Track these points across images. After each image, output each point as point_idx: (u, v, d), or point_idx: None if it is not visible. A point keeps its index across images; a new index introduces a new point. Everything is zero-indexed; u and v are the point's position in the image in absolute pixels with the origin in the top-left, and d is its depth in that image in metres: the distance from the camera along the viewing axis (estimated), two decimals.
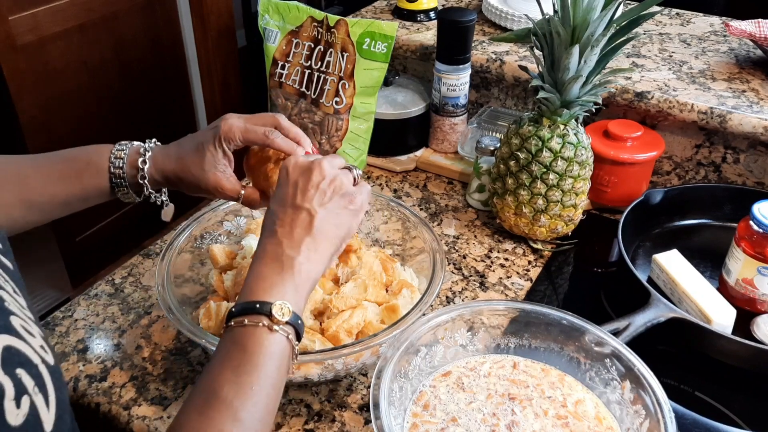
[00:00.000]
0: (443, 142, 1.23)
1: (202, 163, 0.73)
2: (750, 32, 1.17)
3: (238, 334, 0.57)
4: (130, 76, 2.32)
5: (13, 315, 0.42)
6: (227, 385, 0.54)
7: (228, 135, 0.73)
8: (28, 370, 0.40)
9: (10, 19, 1.88)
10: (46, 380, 0.42)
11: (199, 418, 0.53)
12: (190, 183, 0.74)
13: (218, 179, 0.73)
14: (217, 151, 0.73)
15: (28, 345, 0.42)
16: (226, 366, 0.56)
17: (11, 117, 1.98)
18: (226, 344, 0.58)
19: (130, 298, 0.94)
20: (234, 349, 0.57)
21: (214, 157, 0.73)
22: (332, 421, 0.77)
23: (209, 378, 0.56)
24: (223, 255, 0.87)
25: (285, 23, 1.16)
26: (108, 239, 2.39)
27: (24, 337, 0.42)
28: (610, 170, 1.08)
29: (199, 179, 0.73)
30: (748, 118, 1.06)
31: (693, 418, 0.79)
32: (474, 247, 1.04)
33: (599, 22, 0.85)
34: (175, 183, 0.75)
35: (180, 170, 0.74)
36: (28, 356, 0.41)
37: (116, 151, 0.75)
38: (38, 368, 0.42)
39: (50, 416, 0.41)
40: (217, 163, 0.73)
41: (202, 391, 0.55)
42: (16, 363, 0.40)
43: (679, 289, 0.90)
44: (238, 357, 0.56)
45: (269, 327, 0.57)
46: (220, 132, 0.73)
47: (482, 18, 1.40)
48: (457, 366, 0.76)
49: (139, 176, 0.74)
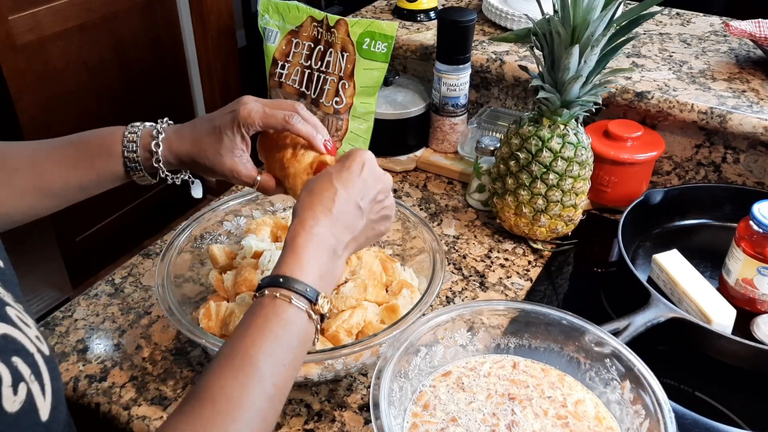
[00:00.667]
0: (443, 142, 1.23)
1: (219, 147, 0.71)
2: (750, 32, 1.17)
3: (282, 308, 0.57)
4: (130, 76, 2.32)
5: (8, 305, 0.42)
6: (264, 355, 0.54)
7: (247, 120, 0.71)
8: (24, 359, 0.41)
9: (10, 19, 1.88)
10: (42, 369, 0.42)
11: (234, 381, 0.52)
12: (205, 166, 0.73)
13: (235, 164, 0.72)
14: (234, 135, 0.71)
15: (23, 334, 0.42)
16: (267, 336, 0.55)
17: (11, 117, 1.98)
18: (266, 313, 0.57)
19: (130, 298, 0.94)
20: (276, 322, 0.56)
21: (232, 142, 0.72)
22: (332, 421, 0.77)
23: (247, 341, 0.55)
24: (223, 255, 0.87)
25: (285, 23, 1.16)
26: (108, 239, 2.39)
27: (19, 326, 0.42)
28: (610, 170, 1.08)
29: (214, 163, 0.72)
30: (748, 118, 1.06)
31: (693, 418, 0.79)
32: (474, 247, 1.04)
33: (599, 22, 0.85)
34: (190, 165, 0.74)
35: (195, 153, 0.73)
36: (24, 345, 0.41)
37: (128, 134, 0.73)
38: (34, 357, 0.42)
39: (46, 405, 0.41)
40: (235, 147, 0.72)
41: (236, 354, 0.54)
42: (11, 351, 0.40)
43: (679, 289, 0.90)
44: (278, 331, 0.56)
45: (309, 314, 0.58)
46: (239, 116, 0.71)
47: (482, 18, 1.40)
48: (457, 366, 0.76)
49: (154, 160, 0.73)
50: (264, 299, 0.57)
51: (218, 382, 0.52)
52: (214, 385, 0.52)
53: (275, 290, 0.57)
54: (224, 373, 0.53)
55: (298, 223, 0.61)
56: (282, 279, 0.58)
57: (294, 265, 0.59)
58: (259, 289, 0.59)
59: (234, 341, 0.55)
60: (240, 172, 0.73)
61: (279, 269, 0.59)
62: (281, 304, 0.57)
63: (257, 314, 0.57)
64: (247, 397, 0.52)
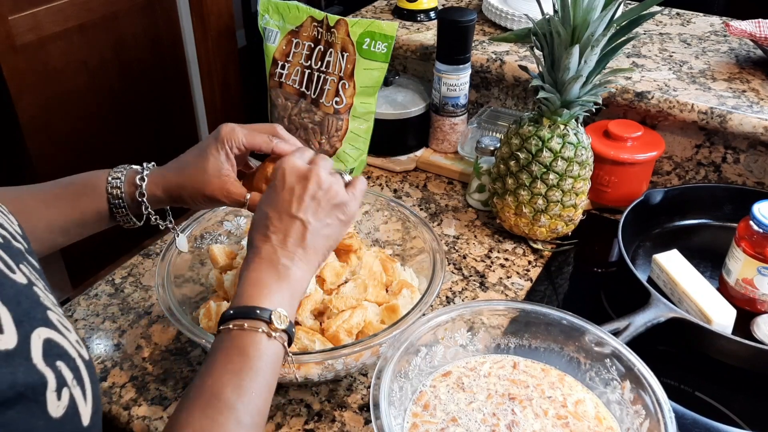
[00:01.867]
0: (443, 142, 1.23)
1: (206, 167, 0.72)
2: (750, 32, 1.17)
3: (237, 337, 0.58)
4: (130, 76, 2.32)
5: (49, 310, 0.43)
6: (229, 388, 0.55)
7: (230, 135, 0.72)
8: (67, 363, 0.41)
9: (10, 19, 1.88)
10: (83, 374, 0.42)
11: (204, 420, 0.53)
12: (193, 192, 0.73)
13: (224, 183, 0.73)
14: (219, 153, 0.72)
15: (65, 339, 0.42)
16: (228, 369, 0.56)
17: (11, 117, 1.98)
18: (224, 346, 0.58)
19: (130, 298, 0.94)
20: (234, 352, 0.58)
21: (217, 160, 0.72)
22: (332, 421, 0.77)
23: (210, 379, 0.56)
24: (223, 255, 0.87)
25: (285, 23, 1.16)
26: (108, 239, 2.38)
27: (61, 331, 0.42)
28: (610, 170, 1.08)
29: (204, 185, 0.72)
30: (748, 118, 1.06)
31: (693, 418, 0.79)
32: (474, 247, 1.04)
33: (599, 22, 0.85)
34: (177, 196, 0.74)
35: (183, 180, 0.73)
36: (66, 349, 0.42)
37: (114, 172, 0.74)
38: (76, 362, 0.42)
39: (87, 410, 0.42)
40: (221, 166, 0.72)
41: (203, 393, 0.55)
42: (55, 355, 0.40)
43: (679, 289, 0.90)
44: (239, 361, 0.57)
45: (267, 333, 0.58)
46: (221, 134, 0.73)
47: (482, 18, 1.40)
48: (457, 366, 0.76)
49: (137, 193, 0.73)
50: (221, 335, 0.59)
51: (190, 420, 0.54)
52: (187, 423, 0.53)
53: (228, 323, 0.59)
54: (194, 411, 0.54)
55: (244, 261, 0.64)
56: (232, 311, 0.59)
57: (242, 296, 0.61)
58: (218, 329, 0.60)
59: (201, 378, 0.57)
60: (230, 190, 0.73)
61: (231, 304, 0.61)
62: (237, 334, 0.58)
63: (218, 349, 0.58)
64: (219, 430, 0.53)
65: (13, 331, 0.38)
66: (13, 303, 0.39)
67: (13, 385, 0.36)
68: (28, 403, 0.37)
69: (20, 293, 0.41)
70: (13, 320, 0.38)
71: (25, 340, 0.38)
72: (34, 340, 0.39)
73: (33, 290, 0.43)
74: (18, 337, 0.38)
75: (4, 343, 0.37)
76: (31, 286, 0.43)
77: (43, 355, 0.39)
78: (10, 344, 0.37)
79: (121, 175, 0.73)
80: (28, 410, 0.37)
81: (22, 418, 0.37)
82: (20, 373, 0.37)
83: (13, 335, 0.37)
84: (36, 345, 0.39)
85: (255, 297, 0.60)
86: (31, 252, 0.48)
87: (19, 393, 0.36)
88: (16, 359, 0.37)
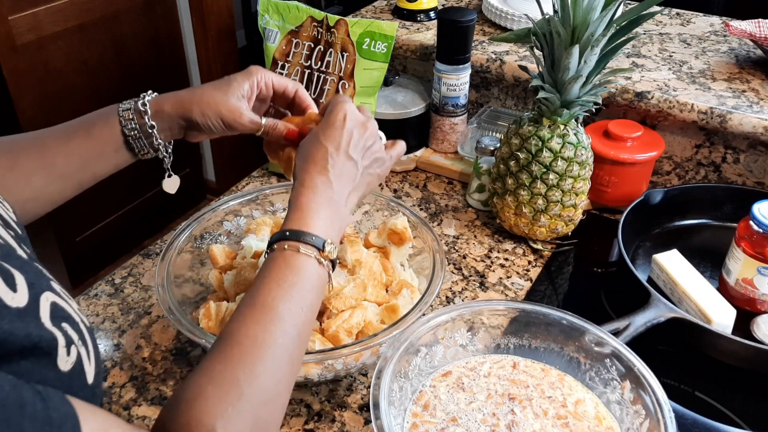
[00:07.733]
0: (443, 142, 1.23)
1: (227, 89, 0.75)
2: (750, 32, 1.17)
3: (291, 257, 0.61)
4: (130, 76, 2.32)
5: (52, 281, 0.46)
6: (280, 301, 0.58)
7: (260, 71, 0.76)
8: (72, 326, 0.44)
9: (10, 19, 1.88)
10: (86, 337, 0.45)
11: (256, 326, 0.56)
12: (206, 107, 0.74)
13: (241, 106, 0.75)
14: (244, 82, 0.75)
15: (69, 305, 0.45)
16: (281, 285, 0.59)
17: (11, 117, 1.98)
18: (278, 264, 0.61)
19: (130, 298, 0.94)
20: (288, 272, 0.60)
21: (241, 86, 0.75)
22: (332, 421, 0.77)
23: (264, 291, 0.58)
24: (223, 255, 0.87)
25: (285, 23, 1.16)
26: (108, 239, 2.39)
27: (65, 298, 0.45)
28: (610, 170, 1.08)
29: (219, 103, 0.74)
30: (748, 118, 1.06)
31: (693, 418, 0.79)
32: (474, 247, 1.04)
33: (599, 22, 0.85)
34: (187, 111, 0.74)
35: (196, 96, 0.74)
36: (71, 314, 0.45)
37: (125, 101, 0.76)
38: (79, 325, 0.45)
39: (91, 369, 0.45)
40: (243, 92, 0.75)
41: (255, 303, 0.58)
42: (61, 318, 0.43)
43: (679, 289, 0.90)
44: (291, 279, 0.60)
45: (318, 260, 0.62)
46: (251, 68, 0.76)
47: (482, 18, 1.40)
48: (457, 366, 0.76)
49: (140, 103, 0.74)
50: (275, 254, 0.62)
51: (242, 328, 0.56)
52: (239, 330, 0.56)
53: (284, 243, 0.62)
54: (246, 320, 0.57)
55: (299, 185, 0.66)
56: (288, 233, 0.62)
57: (298, 219, 0.63)
58: (269, 246, 0.63)
59: (252, 292, 0.59)
60: (243, 112, 0.75)
61: (285, 225, 0.63)
62: (291, 255, 0.61)
63: (270, 267, 0.61)
64: (269, 337, 0.56)
65: (25, 291, 0.41)
66: (22, 270, 0.42)
67: (28, 335, 0.39)
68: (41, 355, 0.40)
69: (26, 264, 0.44)
70: (26, 282, 0.41)
71: (35, 301, 0.41)
72: (43, 302, 0.42)
73: (35, 264, 0.46)
74: (29, 297, 0.41)
75: (17, 301, 0.40)
76: (32, 261, 0.46)
77: (50, 316, 0.42)
78: (21, 303, 0.40)
79: (132, 101, 0.76)
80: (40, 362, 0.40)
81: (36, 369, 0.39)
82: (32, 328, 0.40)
83: (24, 295, 0.41)
84: (44, 306, 0.42)
85: (310, 224, 0.63)
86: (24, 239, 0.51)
87: (34, 344, 0.39)
88: (28, 317, 0.40)
